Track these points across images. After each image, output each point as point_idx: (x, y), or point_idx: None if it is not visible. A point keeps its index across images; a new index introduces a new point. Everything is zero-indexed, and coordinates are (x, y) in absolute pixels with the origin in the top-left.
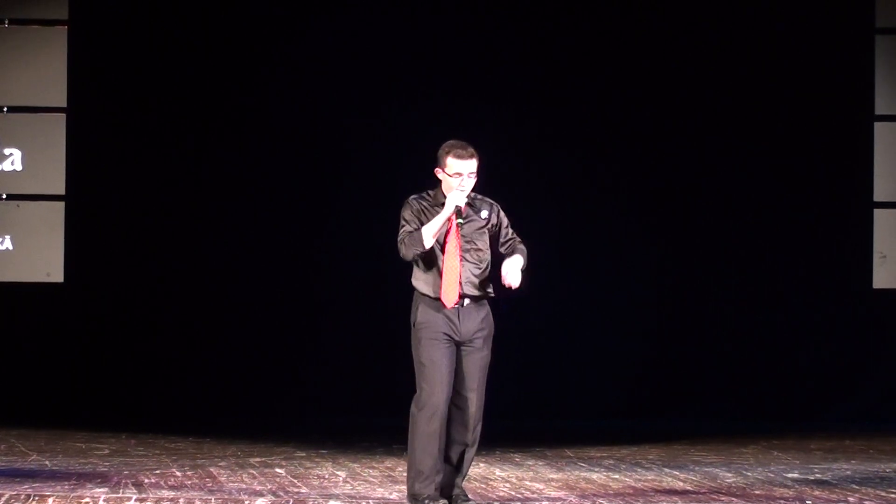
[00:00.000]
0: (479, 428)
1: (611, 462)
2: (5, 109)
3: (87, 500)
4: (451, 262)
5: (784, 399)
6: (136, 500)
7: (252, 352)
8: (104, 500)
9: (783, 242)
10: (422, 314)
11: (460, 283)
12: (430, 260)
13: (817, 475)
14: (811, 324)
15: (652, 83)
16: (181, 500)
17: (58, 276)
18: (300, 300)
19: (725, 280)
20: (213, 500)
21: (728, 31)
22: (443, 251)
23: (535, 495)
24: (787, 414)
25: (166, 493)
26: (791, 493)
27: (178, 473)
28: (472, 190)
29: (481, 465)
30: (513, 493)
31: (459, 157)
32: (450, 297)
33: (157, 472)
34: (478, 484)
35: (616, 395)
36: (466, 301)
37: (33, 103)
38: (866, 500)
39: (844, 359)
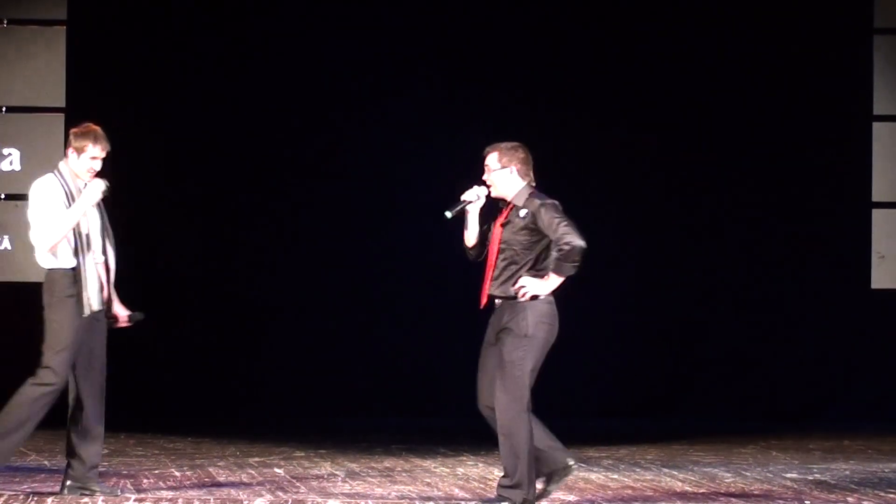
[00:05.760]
0: (504, 423)
1: (609, 462)
2: (4, 109)
3: (86, 500)
4: (489, 263)
5: (783, 399)
6: (134, 500)
7: (251, 351)
8: (102, 500)
9: (781, 242)
10: None
11: (488, 285)
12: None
13: (816, 475)
14: (810, 324)
15: (647, 83)
16: (180, 500)
17: None
18: (300, 300)
19: (724, 280)
20: (211, 500)
21: (726, 30)
22: (489, 253)
23: None
24: (785, 414)
25: (165, 493)
26: (790, 493)
27: (177, 473)
28: (535, 188)
29: (480, 464)
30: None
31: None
32: (482, 298)
33: (156, 471)
34: (476, 484)
35: (615, 394)
36: (498, 301)
37: (32, 103)
38: (865, 500)
39: (843, 359)
